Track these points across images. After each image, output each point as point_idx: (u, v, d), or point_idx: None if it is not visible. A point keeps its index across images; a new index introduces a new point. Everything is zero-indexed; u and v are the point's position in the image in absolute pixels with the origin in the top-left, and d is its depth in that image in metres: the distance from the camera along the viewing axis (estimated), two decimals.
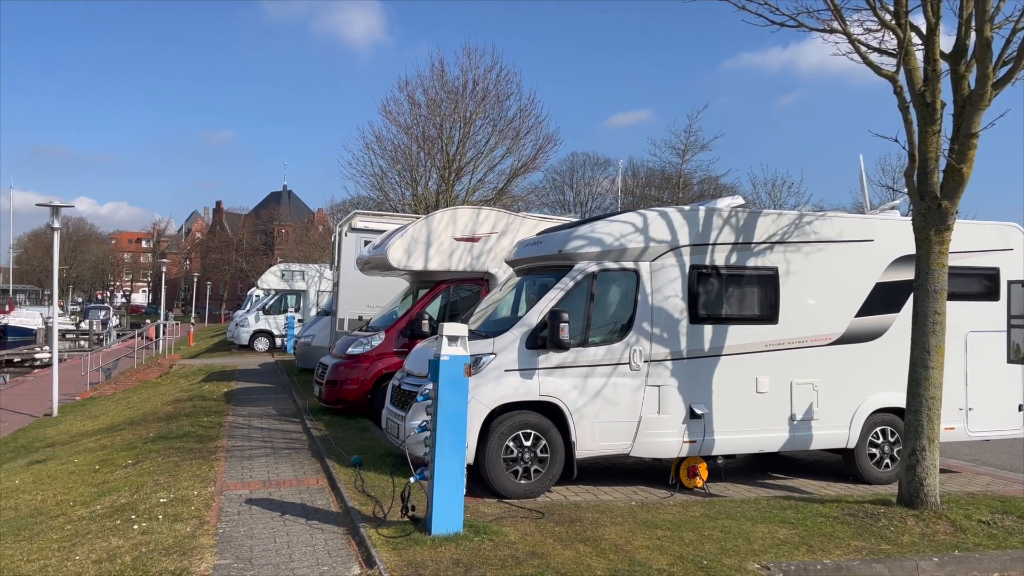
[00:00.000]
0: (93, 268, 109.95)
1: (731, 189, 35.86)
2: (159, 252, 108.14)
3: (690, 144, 32.48)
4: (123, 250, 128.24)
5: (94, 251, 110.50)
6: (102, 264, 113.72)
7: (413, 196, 26.24)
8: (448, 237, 11.96)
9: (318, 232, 61.56)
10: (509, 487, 7.47)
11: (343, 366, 12.09)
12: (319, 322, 20.13)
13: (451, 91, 24.89)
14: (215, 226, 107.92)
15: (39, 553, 6.23)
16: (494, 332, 7.93)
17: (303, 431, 10.91)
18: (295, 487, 7.68)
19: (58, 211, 17.42)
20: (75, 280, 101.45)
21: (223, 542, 5.87)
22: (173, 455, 9.42)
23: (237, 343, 30.11)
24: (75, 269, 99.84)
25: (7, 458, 12.46)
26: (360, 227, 16.73)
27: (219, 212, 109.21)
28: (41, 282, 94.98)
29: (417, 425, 6.90)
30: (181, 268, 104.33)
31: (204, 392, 15.76)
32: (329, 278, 27.28)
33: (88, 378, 23.07)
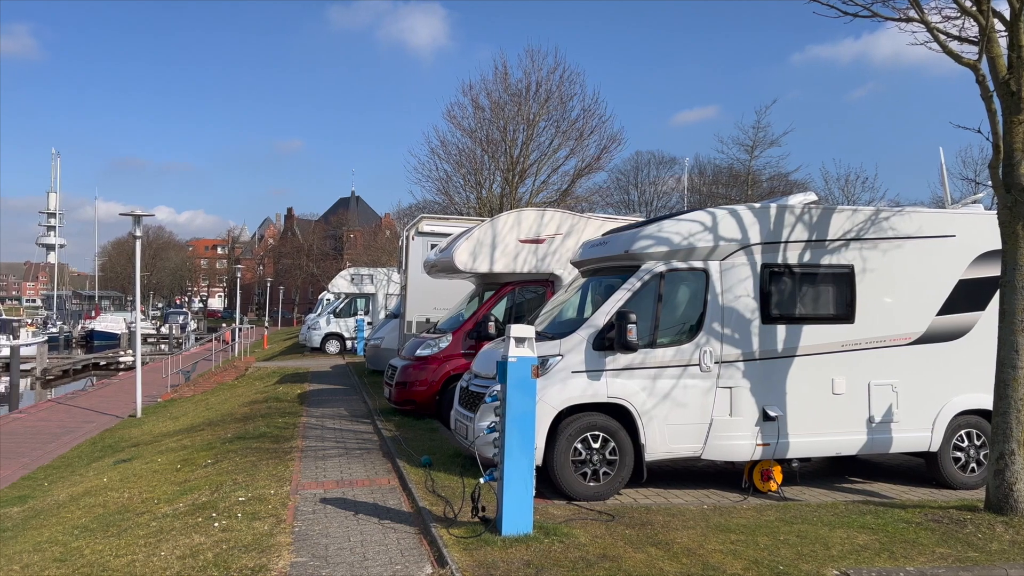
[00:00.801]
0: (172, 274, 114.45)
1: (802, 185, 34.99)
2: (234, 258, 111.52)
3: (759, 140, 31.88)
4: (200, 256, 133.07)
5: (173, 258, 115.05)
6: (180, 270, 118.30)
7: (477, 199, 26.44)
8: (513, 239, 12.00)
9: (385, 236, 62.60)
10: (578, 489, 7.44)
11: (412, 368, 12.25)
12: (388, 325, 20.46)
13: (514, 94, 25.00)
14: (287, 232, 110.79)
15: (127, 549, 6.51)
16: (560, 334, 7.91)
17: (374, 432, 11.10)
18: (367, 487, 7.82)
19: (140, 220, 18.17)
20: (155, 286, 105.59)
21: (300, 540, 6.02)
22: (250, 455, 9.70)
23: (309, 346, 30.85)
24: (155, 275, 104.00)
25: (95, 457, 13.05)
26: (426, 231, 16.92)
27: (291, 218, 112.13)
28: (124, 288, 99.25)
29: (486, 426, 6.94)
30: (255, 273, 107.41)
31: (279, 394, 16.19)
32: (397, 281, 27.70)
33: (169, 380, 23.98)
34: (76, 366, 39.29)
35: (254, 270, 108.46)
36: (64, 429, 16.83)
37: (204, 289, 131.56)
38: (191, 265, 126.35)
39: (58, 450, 14.28)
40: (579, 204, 26.26)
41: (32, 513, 9.32)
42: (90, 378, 36.08)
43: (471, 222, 16.20)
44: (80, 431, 16.45)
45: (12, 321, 48.92)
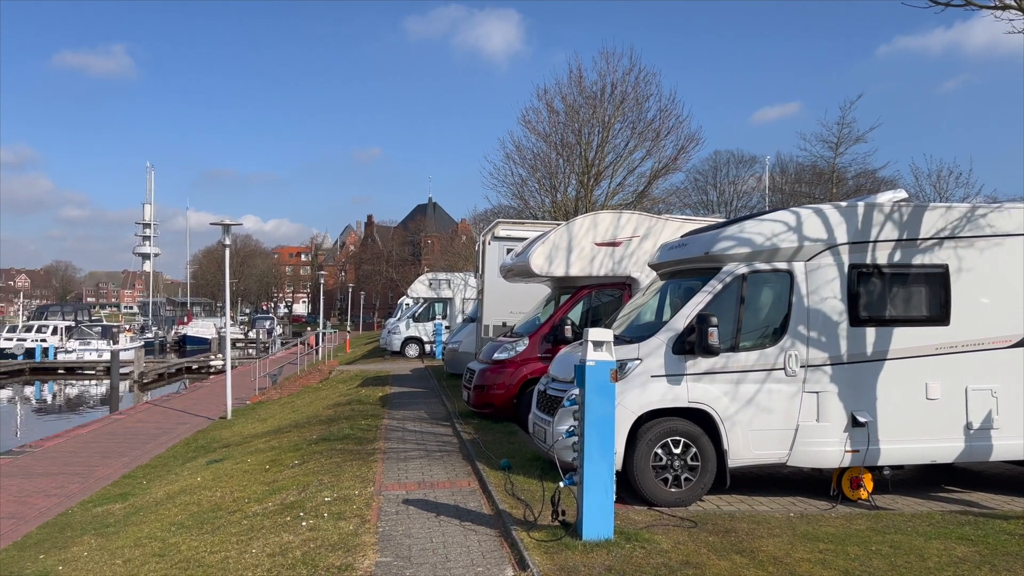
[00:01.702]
0: (259, 281, 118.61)
1: (891, 182, 33.60)
2: (317, 265, 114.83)
3: (844, 136, 30.78)
4: (285, 263, 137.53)
5: (259, 265, 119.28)
6: (267, 277, 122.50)
7: (552, 203, 26.42)
8: (589, 242, 11.95)
9: (461, 241, 63.25)
10: (659, 495, 7.35)
11: (489, 371, 12.34)
12: (465, 328, 20.67)
13: (589, 96, 24.87)
14: (367, 239, 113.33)
15: (220, 546, 6.77)
16: (639, 337, 7.84)
17: (453, 434, 11.23)
18: (448, 489, 7.92)
19: (229, 229, 18.90)
20: (243, 292, 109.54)
21: (383, 540, 6.14)
22: (335, 456, 9.96)
23: (389, 350, 31.44)
24: (243, 282, 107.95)
25: (189, 457, 13.62)
26: (502, 235, 17.02)
27: (370, 225, 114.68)
28: (214, 295, 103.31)
29: (565, 430, 6.93)
30: (337, 279, 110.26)
31: (361, 396, 16.55)
32: (474, 286, 27.95)
33: (256, 383, 24.83)
34: (170, 370, 41.09)
35: (336, 276, 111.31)
36: (160, 430, 17.63)
37: (289, 295, 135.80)
38: (277, 272, 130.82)
39: (155, 450, 14.96)
40: (656, 206, 25.94)
41: (133, 510, 9.80)
42: (183, 381, 37.71)
43: (546, 226, 16.21)
44: (175, 432, 17.20)
45: (112, 327, 51.67)
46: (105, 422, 19.59)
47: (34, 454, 14.85)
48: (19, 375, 40.02)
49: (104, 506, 10.34)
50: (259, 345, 58.50)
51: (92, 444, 15.87)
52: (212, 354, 48.03)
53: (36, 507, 10.68)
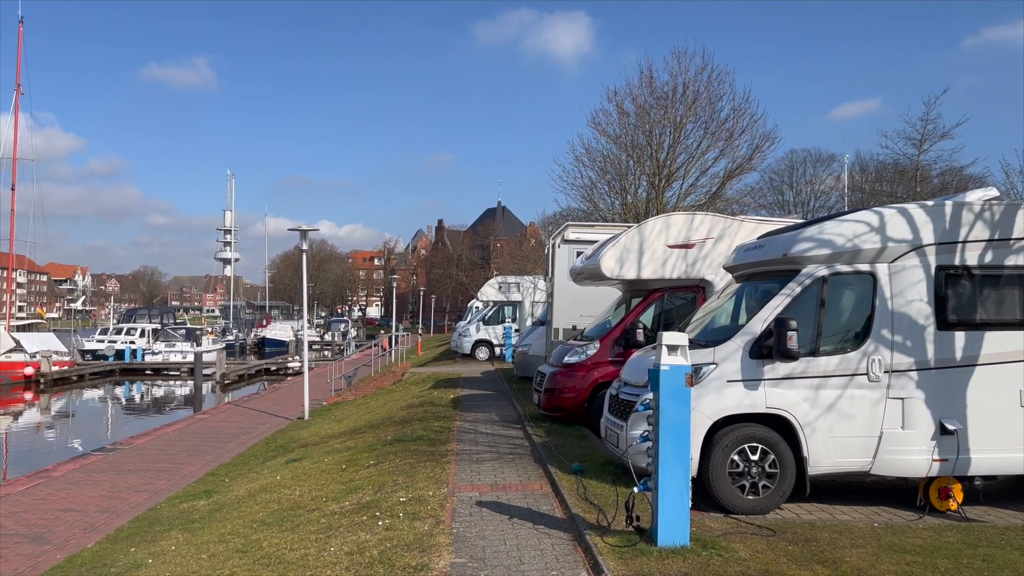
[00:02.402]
0: (334, 285, 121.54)
1: (980, 180, 32.06)
2: (389, 269, 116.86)
3: (928, 133, 29.52)
4: (359, 268, 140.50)
5: (334, 269, 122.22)
6: (341, 281, 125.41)
7: (623, 205, 26.24)
8: (661, 245, 11.80)
9: (530, 245, 63.43)
10: (736, 502, 7.20)
11: (560, 375, 12.31)
12: (535, 332, 20.70)
13: (660, 97, 24.62)
14: (438, 243, 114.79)
15: (299, 543, 6.94)
16: (714, 341, 7.70)
17: (524, 437, 11.25)
18: (520, 491, 7.94)
19: (306, 234, 19.44)
20: (319, 296, 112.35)
21: (458, 542, 6.20)
22: (409, 457, 10.10)
23: (460, 352, 31.74)
24: (319, 286, 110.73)
25: (269, 456, 14.03)
26: (572, 238, 16.99)
27: (441, 230, 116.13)
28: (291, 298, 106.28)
29: (638, 435, 6.86)
30: (409, 283, 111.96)
31: (433, 398, 16.75)
32: (543, 289, 27.96)
33: (332, 385, 25.44)
34: (250, 371, 42.45)
35: (408, 280, 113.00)
36: (241, 429, 18.22)
37: (363, 298, 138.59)
38: (351, 276, 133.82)
39: (236, 449, 15.47)
40: (730, 207, 25.46)
41: (216, 507, 10.15)
42: (262, 382, 38.89)
43: (617, 228, 16.09)
44: (255, 432, 17.75)
45: (195, 330, 53.68)
46: (189, 421, 20.37)
47: (125, 451, 15.55)
48: (110, 375, 42.03)
49: (189, 502, 10.74)
50: (334, 347, 59.86)
51: (178, 442, 16.52)
52: (289, 356, 49.43)
53: (127, 502, 11.18)
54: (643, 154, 25.13)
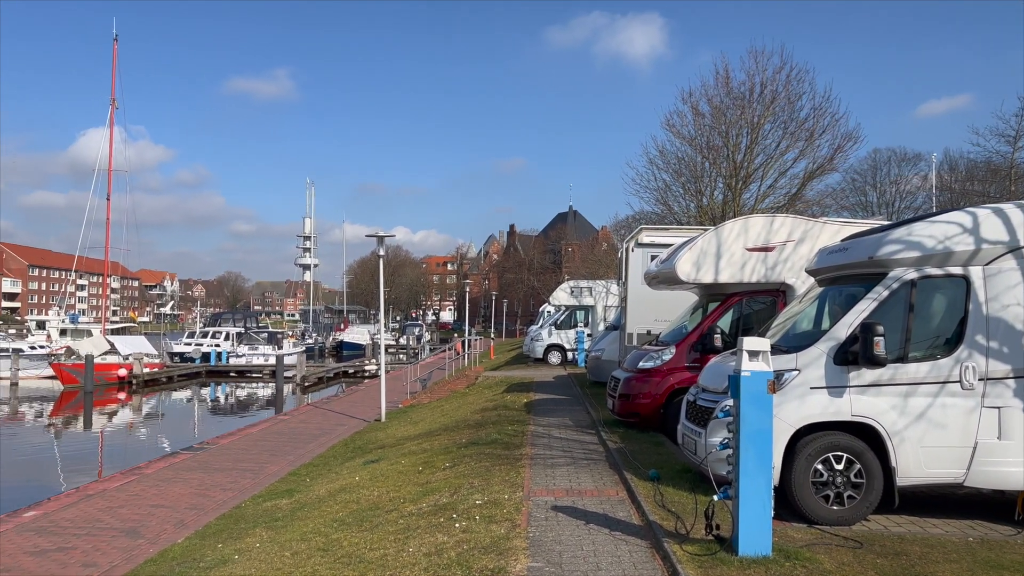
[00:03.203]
0: (408, 289, 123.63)
1: None
2: (462, 273, 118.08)
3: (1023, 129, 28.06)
4: (432, 272, 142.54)
5: (409, 274, 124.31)
6: (416, 285, 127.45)
7: (698, 208, 25.85)
8: (739, 248, 11.55)
9: (602, 249, 63.05)
10: (819, 512, 6.98)
11: (635, 380, 12.19)
12: (608, 336, 20.56)
13: (737, 97, 24.16)
14: (509, 248, 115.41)
15: (379, 543, 7.07)
16: (796, 347, 7.49)
17: (599, 443, 11.18)
18: (596, 497, 7.89)
19: (382, 240, 19.81)
20: (394, 300, 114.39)
21: (534, 546, 6.20)
22: (484, 460, 10.17)
23: (532, 356, 31.78)
24: (394, 291, 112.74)
25: (348, 457, 14.33)
26: (646, 242, 16.83)
27: (512, 235, 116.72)
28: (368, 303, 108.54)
29: (718, 442, 6.74)
30: (481, 287, 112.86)
31: (506, 402, 16.83)
32: (616, 293, 27.76)
33: (408, 388, 25.83)
34: (328, 374, 43.53)
35: (480, 284, 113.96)
36: (321, 431, 18.69)
37: (436, 303, 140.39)
38: (425, 281, 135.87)
39: (316, 450, 15.87)
40: (810, 208, 24.75)
41: (298, 506, 10.43)
42: (341, 385, 39.81)
43: (692, 231, 15.86)
44: (334, 433, 18.17)
45: (277, 334, 55.41)
46: (272, 422, 21.01)
47: (211, 451, 16.15)
48: (196, 377, 43.76)
49: (272, 501, 11.07)
50: (409, 351, 60.81)
51: (261, 443, 17.06)
52: (366, 359, 50.45)
53: (214, 500, 11.61)
54: (719, 155, 24.70)
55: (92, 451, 23.21)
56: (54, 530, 10.00)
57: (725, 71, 24.68)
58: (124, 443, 24.69)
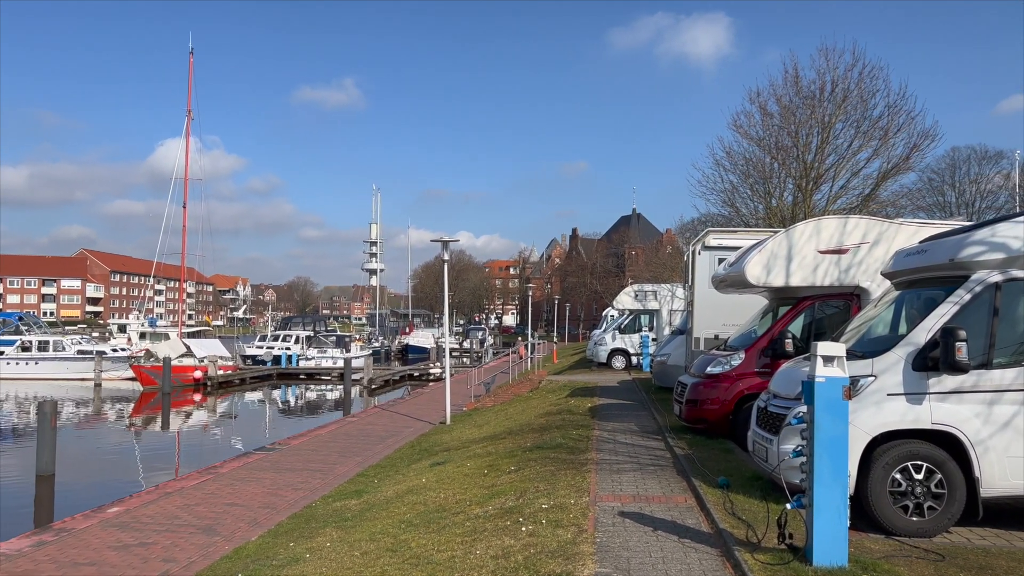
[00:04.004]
0: (471, 293, 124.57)
1: None
2: (524, 277, 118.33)
3: None
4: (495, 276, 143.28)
5: (472, 278, 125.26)
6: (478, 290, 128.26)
7: (766, 209, 25.30)
8: (811, 250, 11.27)
9: (667, 252, 62.29)
10: (897, 523, 6.74)
11: (702, 386, 12.00)
12: (674, 341, 20.31)
13: (807, 96, 23.57)
14: (572, 252, 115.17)
15: (446, 545, 7.13)
16: (872, 352, 7.26)
17: (666, 448, 11.04)
18: (663, 503, 7.80)
19: (447, 245, 20.04)
20: (457, 304, 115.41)
21: (601, 551, 6.16)
22: (549, 464, 10.16)
23: (596, 361, 31.60)
24: (457, 295, 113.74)
25: (414, 459, 14.51)
26: (713, 245, 16.57)
27: (575, 238, 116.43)
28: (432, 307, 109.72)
29: (791, 450, 6.58)
30: (543, 291, 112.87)
31: (570, 407, 16.77)
32: (681, 297, 27.41)
33: (472, 391, 26.00)
34: (394, 377, 44.14)
35: (542, 288, 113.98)
36: (388, 432, 18.97)
37: (499, 307, 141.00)
38: (487, 285, 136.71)
39: (384, 451, 16.11)
40: (884, 209, 23.95)
41: (367, 506, 10.60)
42: (406, 387, 40.34)
43: (761, 234, 15.56)
44: (400, 435, 18.42)
45: (344, 337, 56.52)
46: (340, 424, 21.41)
47: (282, 451, 16.56)
48: (268, 379, 45.00)
49: (342, 501, 11.28)
50: (473, 355, 61.22)
51: (330, 444, 17.41)
52: (431, 362, 51.03)
53: (286, 499, 11.89)
54: (788, 156, 24.14)
55: (170, 450, 24.08)
56: (136, 526, 10.40)
57: (794, 70, 24.14)
58: (200, 443, 25.53)
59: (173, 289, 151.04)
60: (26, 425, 27.49)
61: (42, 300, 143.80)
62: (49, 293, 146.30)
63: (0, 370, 44.42)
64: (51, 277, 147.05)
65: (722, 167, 26.07)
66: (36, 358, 45.04)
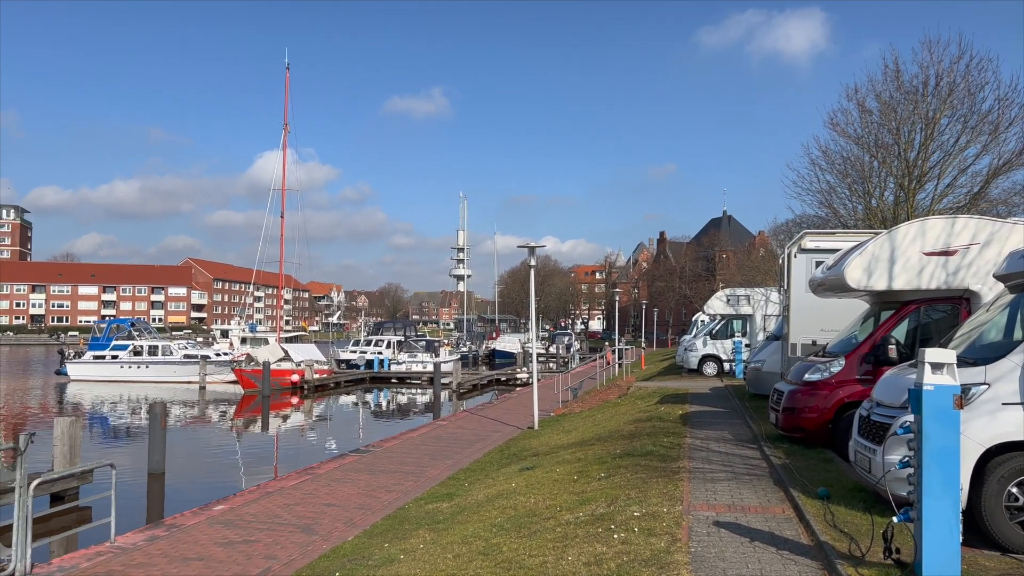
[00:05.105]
0: (557, 299, 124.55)
1: None
2: (611, 282, 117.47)
3: None
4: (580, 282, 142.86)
5: (557, 284, 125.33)
6: (564, 295, 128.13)
7: (866, 210, 24.32)
8: (916, 252, 10.77)
9: (759, 255, 60.71)
10: (1015, 540, 6.35)
11: (800, 393, 11.62)
12: (768, 347, 19.75)
13: (909, 91, 22.53)
14: (659, 255, 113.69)
15: (538, 550, 7.15)
16: (985, 359, 6.87)
17: (761, 458, 10.75)
18: (760, 514, 7.59)
19: (533, 251, 20.12)
20: (543, 309, 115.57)
21: (696, 561, 6.05)
22: (640, 471, 10.04)
23: (686, 367, 31.04)
24: (543, 300, 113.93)
25: (503, 463, 14.60)
26: (810, 247, 16.07)
27: (663, 242, 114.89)
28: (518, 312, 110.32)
29: (897, 461, 6.30)
30: (630, 296, 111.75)
31: (660, 413, 16.54)
32: (776, 302, 26.64)
33: (559, 396, 25.98)
34: (482, 381, 44.59)
35: (629, 293, 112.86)
36: (477, 436, 19.16)
37: (585, 312, 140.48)
38: (573, 290, 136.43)
39: (473, 455, 16.28)
40: (995, 208, 22.62)
41: (458, 509, 10.74)
42: (494, 392, 40.68)
43: (861, 235, 14.98)
44: (489, 439, 18.58)
45: (434, 342, 57.50)
46: (430, 427, 21.78)
47: (376, 453, 16.96)
48: (361, 383, 46.24)
49: (434, 504, 11.46)
50: (559, 360, 61.19)
51: (421, 447, 17.73)
52: (518, 367, 51.30)
53: (380, 500, 12.18)
54: (889, 154, 23.14)
55: (269, 451, 25.04)
56: (240, 523, 10.85)
57: (895, 64, 23.11)
58: (297, 444, 26.45)
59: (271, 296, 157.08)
60: (137, 426, 29.12)
61: (151, 307, 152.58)
62: (157, 300, 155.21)
63: (114, 373, 47.28)
64: (159, 285, 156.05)
65: (818, 167, 25.27)
66: (147, 362, 47.69)
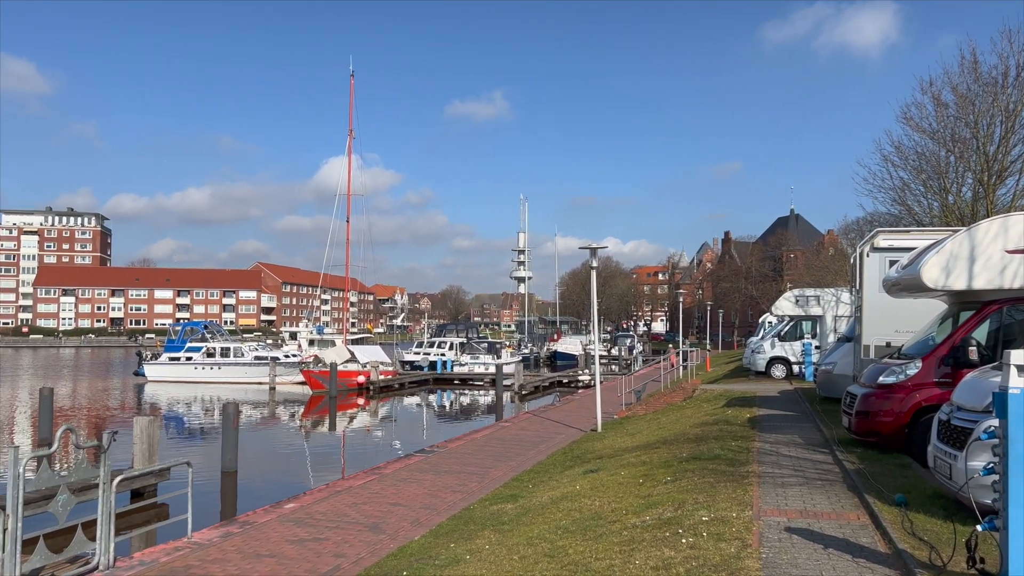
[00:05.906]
0: (619, 300, 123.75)
1: None
2: (674, 283, 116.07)
3: None
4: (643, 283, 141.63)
5: (619, 285, 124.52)
6: (626, 296, 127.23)
7: (942, 207, 23.48)
8: (998, 250, 10.33)
9: (829, 254, 59.15)
10: None
11: (874, 396, 11.26)
12: (840, 349, 19.22)
13: (987, 83, 21.66)
14: (724, 256, 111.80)
15: (604, 553, 7.09)
16: None
17: (834, 462, 10.45)
18: (834, 520, 7.38)
19: (595, 252, 20.02)
20: (604, 311, 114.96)
21: (768, 567, 5.91)
22: (707, 476, 9.88)
23: (753, 369, 30.42)
24: (604, 301, 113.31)
25: (567, 465, 14.56)
26: (883, 246, 15.61)
27: (727, 242, 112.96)
28: (579, 314, 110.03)
29: (981, 467, 6.04)
30: (694, 297, 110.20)
31: (727, 417, 16.24)
32: (847, 302, 25.90)
33: (622, 399, 25.78)
34: (544, 383, 44.57)
35: (693, 294, 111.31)
36: (540, 438, 19.16)
37: (647, 313, 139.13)
38: (635, 291, 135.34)
39: (536, 457, 16.28)
40: None
41: (522, 511, 10.74)
42: (556, 394, 40.63)
43: (937, 233, 14.48)
44: (552, 441, 18.55)
45: (496, 343, 57.76)
46: (494, 428, 21.87)
47: (440, 454, 17.12)
48: (424, 384, 46.78)
49: (498, 505, 11.50)
50: (621, 362, 60.73)
51: (485, 448, 17.82)
52: (579, 369, 51.13)
53: (445, 500, 12.28)
54: (967, 149, 22.27)
55: (336, 450, 25.53)
56: (309, 522, 11.09)
57: (972, 55, 22.25)
58: (363, 444, 26.90)
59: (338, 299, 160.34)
60: (209, 425, 30.06)
61: (223, 310, 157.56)
62: (229, 303, 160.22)
63: (189, 374, 48.97)
64: (230, 289, 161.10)
65: (891, 163, 24.52)
66: (219, 363, 49.24)
